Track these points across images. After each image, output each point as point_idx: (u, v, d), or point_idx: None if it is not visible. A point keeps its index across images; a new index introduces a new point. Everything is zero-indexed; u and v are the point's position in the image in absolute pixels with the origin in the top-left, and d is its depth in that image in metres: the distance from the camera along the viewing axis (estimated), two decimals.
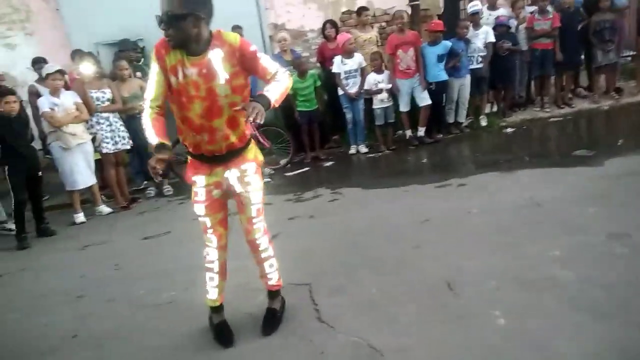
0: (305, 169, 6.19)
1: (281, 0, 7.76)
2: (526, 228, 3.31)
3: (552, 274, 2.68)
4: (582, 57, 7.00)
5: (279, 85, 2.22)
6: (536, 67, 6.77)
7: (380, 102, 6.21)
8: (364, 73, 6.19)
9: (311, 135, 6.43)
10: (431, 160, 5.80)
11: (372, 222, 3.92)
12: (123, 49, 6.74)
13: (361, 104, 6.29)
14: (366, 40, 6.62)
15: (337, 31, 6.58)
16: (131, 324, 2.87)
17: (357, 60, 6.15)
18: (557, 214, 3.46)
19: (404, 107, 6.32)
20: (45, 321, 3.09)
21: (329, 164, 6.28)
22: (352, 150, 6.49)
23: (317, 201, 4.82)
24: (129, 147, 5.67)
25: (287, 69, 6.84)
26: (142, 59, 6.79)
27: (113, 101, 5.54)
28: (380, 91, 6.16)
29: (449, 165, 5.56)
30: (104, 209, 5.51)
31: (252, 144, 2.44)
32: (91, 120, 5.43)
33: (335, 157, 6.51)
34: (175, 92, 2.20)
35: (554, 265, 2.77)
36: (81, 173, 5.25)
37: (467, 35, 6.32)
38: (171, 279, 3.35)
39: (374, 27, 7.10)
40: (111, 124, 5.53)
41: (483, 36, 6.37)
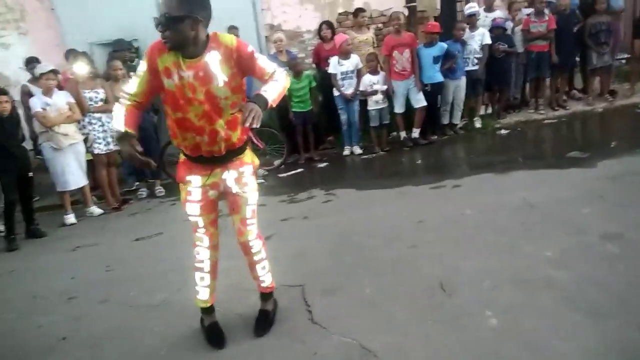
0: (299, 170, 6.17)
1: (277, 1, 7.74)
2: (521, 229, 3.31)
3: (547, 274, 2.67)
4: (577, 59, 7.04)
5: (276, 84, 2.19)
6: (532, 69, 6.79)
7: (375, 103, 6.20)
8: (360, 74, 6.18)
9: (305, 136, 6.41)
10: (426, 161, 5.79)
11: (366, 223, 3.90)
12: (117, 49, 6.70)
13: (356, 105, 6.28)
14: (362, 42, 6.62)
15: (334, 32, 6.57)
16: (124, 325, 2.83)
17: (354, 61, 6.14)
18: (552, 214, 3.46)
19: (399, 108, 6.31)
20: (39, 323, 3.04)
21: (323, 165, 6.26)
22: (346, 151, 6.48)
23: (311, 202, 4.80)
24: None
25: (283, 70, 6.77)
26: (136, 59, 6.76)
27: (106, 101, 5.49)
28: (375, 92, 6.15)
29: (443, 167, 5.55)
30: (95, 210, 5.46)
31: (248, 147, 2.43)
32: (83, 120, 5.38)
33: (330, 158, 6.49)
34: (169, 94, 2.17)
35: (549, 265, 2.76)
36: (72, 173, 5.20)
37: (463, 37, 6.34)
38: (164, 280, 3.32)
39: (370, 29, 7.10)
40: (104, 124, 5.47)
41: (479, 38, 6.38)
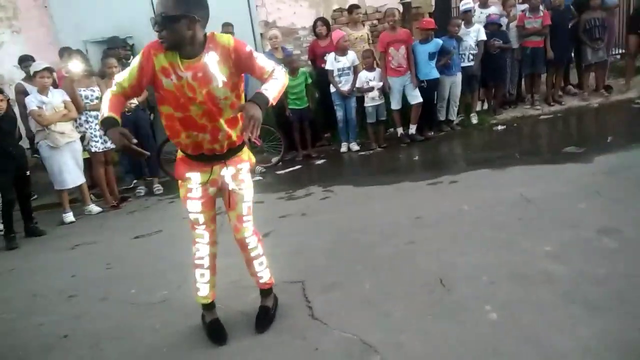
0: (297, 167, 6.18)
1: None
2: (518, 224, 3.34)
3: (545, 268, 2.69)
4: (572, 54, 7.07)
5: (276, 82, 2.19)
6: (527, 65, 6.82)
7: (372, 99, 6.21)
8: (356, 71, 6.18)
9: (302, 133, 6.42)
10: (423, 157, 5.81)
11: (364, 219, 3.91)
12: (112, 46, 6.67)
13: (353, 102, 6.29)
14: (357, 38, 6.62)
15: (329, 29, 6.57)
16: (125, 323, 2.84)
17: (351, 58, 6.15)
18: (549, 210, 3.49)
19: (395, 104, 6.33)
20: (39, 321, 3.04)
21: (320, 161, 6.27)
22: (343, 148, 6.48)
23: (309, 199, 4.81)
24: None
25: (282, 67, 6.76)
26: (131, 57, 6.72)
27: (102, 99, 5.46)
28: (371, 89, 6.16)
29: (440, 163, 5.58)
30: (94, 208, 5.45)
31: (246, 145, 2.44)
32: (80, 118, 5.36)
33: (327, 155, 6.51)
34: (169, 94, 2.16)
35: (547, 260, 2.78)
36: (70, 172, 5.19)
37: (458, 33, 6.35)
38: (164, 278, 3.32)
39: (365, 25, 7.10)
40: None
41: (474, 34, 6.40)
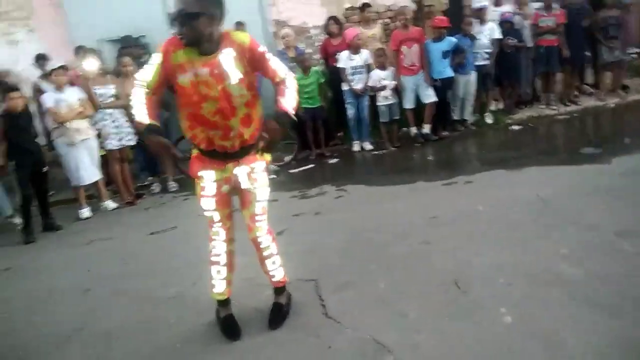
0: (310, 165, 6.18)
1: None
2: (534, 225, 3.31)
3: (561, 270, 2.66)
4: (588, 54, 6.98)
5: (292, 94, 2.25)
6: (541, 64, 6.74)
7: (385, 99, 6.19)
8: (369, 70, 6.17)
9: (316, 132, 6.41)
10: (437, 157, 5.78)
11: (378, 218, 3.90)
12: (125, 45, 6.74)
13: (366, 101, 6.27)
14: (370, 37, 6.60)
15: (341, 28, 6.56)
16: (139, 318, 2.87)
17: (364, 56, 6.14)
18: (565, 211, 3.45)
19: (408, 104, 6.30)
20: (55, 314, 3.10)
21: (333, 161, 6.27)
22: (355, 147, 6.46)
23: (323, 198, 4.81)
24: (133, 143, 5.66)
25: (291, 66, 6.76)
26: (145, 56, 6.78)
27: (117, 97, 5.53)
28: (383, 88, 6.14)
29: (455, 163, 5.55)
30: (110, 204, 5.52)
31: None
32: (95, 116, 5.43)
33: (340, 154, 6.49)
34: (183, 90, 2.18)
35: (563, 262, 2.75)
36: (86, 169, 5.26)
37: (472, 32, 6.30)
38: (178, 274, 3.35)
39: (377, 24, 7.07)
40: (115, 120, 5.52)
41: (488, 32, 6.35)
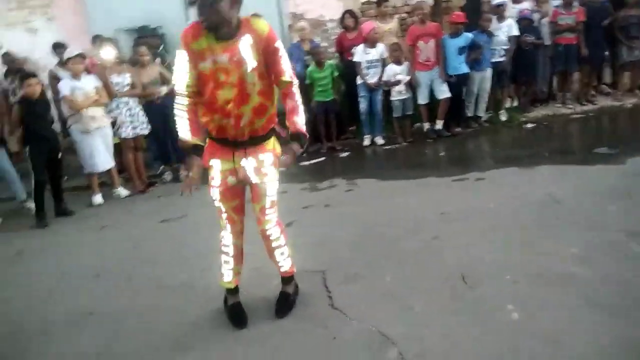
0: (321, 158, 6.18)
1: None
2: (545, 224, 3.28)
3: (570, 270, 2.64)
4: (607, 53, 6.86)
5: (299, 106, 2.33)
6: (559, 63, 6.65)
7: (398, 93, 6.16)
8: (384, 64, 6.14)
9: (327, 126, 6.41)
10: (449, 153, 5.74)
11: (388, 213, 3.89)
12: (142, 35, 6.78)
13: (379, 95, 6.24)
14: (386, 31, 6.56)
15: (357, 21, 6.52)
16: (148, 303, 2.91)
17: (380, 50, 6.11)
18: (577, 211, 3.41)
19: (422, 99, 6.26)
20: (65, 297, 3.15)
21: (345, 154, 6.26)
22: (366, 141, 6.42)
23: (333, 191, 4.82)
24: (147, 132, 5.71)
25: (306, 59, 6.72)
26: (161, 46, 6.83)
27: (133, 86, 5.58)
28: (398, 83, 6.11)
29: (467, 159, 5.50)
30: (122, 191, 5.58)
31: (273, 136, 2.44)
32: (111, 104, 5.48)
33: (351, 148, 6.47)
34: (202, 78, 2.20)
35: (572, 261, 2.73)
36: (100, 156, 5.31)
37: (490, 28, 6.23)
38: (188, 262, 3.39)
39: (394, 18, 7.03)
40: (131, 108, 5.57)
41: (507, 29, 6.27)
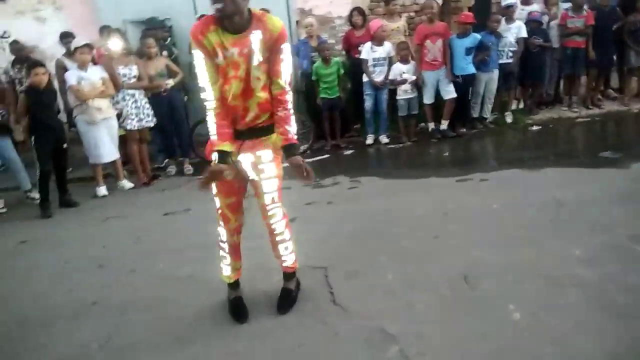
0: (325, 156, 6.18)
1: None
2: (548, 226, 3.28)
3: (573, 272, 2.65)
4: (615, 57, 6.84)
5: (292, 118, 2.30)
6: (567, 66, 6.63)
7: (404, 92, 6.15)
8: (391, 62, 6.13)
9: (332, 123, 6.40)
10: (453, 154, 5.73)
11: (391, 211, 3.90)
12: (150, 27, 6.78)
13: (385, 94, 6.23)
14: (394, 30, 6.54)
15: (365, 19, 6.51)
16: (151, 295, 2.93)
17: (387, 48, 6.10)
18: (581, 213, 3.41)
19: (428, 99, 6.25)
20: (70, 287, 3.17)
21: (349, 152, 6.26)
22: (369, 140, 6.40)
23: (336, 188, 4.82)
24: (152, 124, 5.72)
25: (312, 55, 6.69)
26: (169, 38, 6.84)
27: (140, 78, 5.58)
28: (404, 82, 6.10)
29: (471, 160, 5.50)
30: (126, 184, 5.59)
31: (274, 133, 2.37)
32: (117, 96, 5.49)
33: (356, 146, 6.47)
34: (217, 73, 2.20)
35: (575, 263, 2.74)
36: (105, 147, 5.31)
37: (499, 29, 6.20)
38: (191, 255, 3.40)
39: (402, 17, 7.01)
40: (137, 100, 5.57)
41: (515, 31, 6.24)
